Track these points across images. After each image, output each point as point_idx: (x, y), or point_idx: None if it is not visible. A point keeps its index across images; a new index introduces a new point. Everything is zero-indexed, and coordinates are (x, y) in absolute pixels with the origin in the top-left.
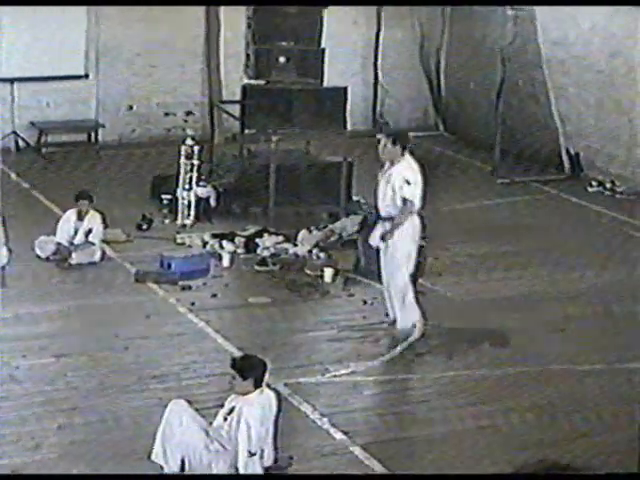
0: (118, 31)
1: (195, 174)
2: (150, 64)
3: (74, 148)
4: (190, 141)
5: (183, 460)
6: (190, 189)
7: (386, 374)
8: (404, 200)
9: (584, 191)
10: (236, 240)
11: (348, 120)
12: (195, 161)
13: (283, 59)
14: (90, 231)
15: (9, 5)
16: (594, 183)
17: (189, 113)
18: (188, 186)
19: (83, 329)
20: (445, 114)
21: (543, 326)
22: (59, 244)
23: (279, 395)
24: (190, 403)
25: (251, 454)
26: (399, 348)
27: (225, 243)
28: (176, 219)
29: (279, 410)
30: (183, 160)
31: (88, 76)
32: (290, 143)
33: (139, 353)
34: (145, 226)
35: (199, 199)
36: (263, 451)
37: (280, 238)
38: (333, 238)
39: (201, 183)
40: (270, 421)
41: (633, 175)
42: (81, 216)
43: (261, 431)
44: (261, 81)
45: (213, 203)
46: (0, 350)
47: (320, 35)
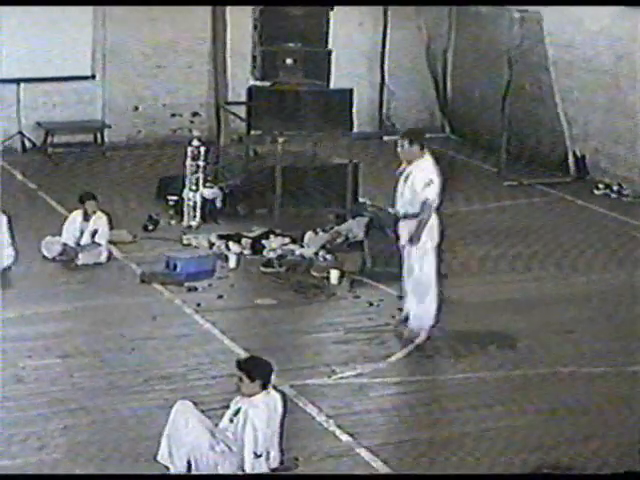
0: (125, 32)
1: (201, 175)
2: (157, 65)
3: (80, 149)
4: (196, 142)
5: (189, 461)
6: (196, 190)
7: (392, 376)
8: (424, 201)
9: (590, 194)
10: (242, 241)
11: (354, 122)
12: (201, 162)
13: (290, 61)
14: (96, 232)
15: (14, 5)
16: (600, 186)
17: (195, 114)
18: (194, 187)
19: (89, 330)
20: (451, 116)
21: (549, 328)
22: (65, 245)
23: (285, 397)
24: (196, 404)
25: (257, 455)
26: (405, 350)
27: (231, 244)
28: (182, 220)
29: (285, 411)
30: (189, 161)
31: (94, 77)
32: (296, 145)
33: (145, 354)
34: (151, 227)
35: (205, 200)
36: (269, 453)
37: (286, 240)
38: (339, 240)
39: (207, 184)
40: (276, 423)
41: None
42: (87, 217)
43: (267, 433)
44: (267, 82)
45: (219, 204)
46: (6, 350)
47: (327, 37)
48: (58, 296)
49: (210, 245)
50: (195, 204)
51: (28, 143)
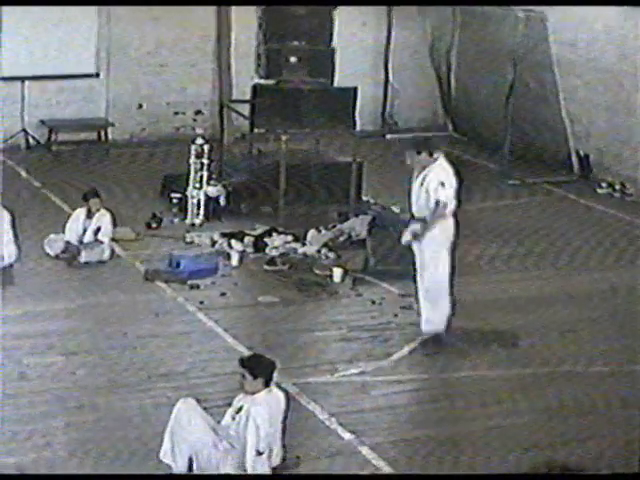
0: (129, 30)
1: (205, 173)
2: (160, 63)
3: (84, 147)
4: (200, 140)
5: (190, 458)
6: (200, 188)
7: (395, 374)
8: (437, 202)
9: (594, 193)
10: (245, 239)
11: (357, 120)
12: (205, 160)
13: (294, 59)
14: (99, 229)
15: (16, 5)
16: (604, 185)
17: (199, 112)
18: (198, 185)
19: (92, 327)
20: (455, 115)
21: (552, 327)
22: (68, 242)
23: (288, 394)
24: (199, 402)
25: (259, 453)
26: (407, 348)
27: (234, 242)
28: (186, 218)
29: (287, 409)
30: (193, 159)
31: (99, 75)
32: (300, 143)
33: (148, 352)
34: (155, 225)
35: (209, 198)
36: (271, 450)
37: (289, 238)
38: (342, 238)
39: (211, 182)
40: (278, 420)
41: None
42: (90, 214)
43: (269, 430)
44: (271, 81)
45: (223, 202)
46: (8, 348)
47: (331, 35)
48: (61, 294)
49: (213, 243)
50: (199, 202)
51: (32, 141)
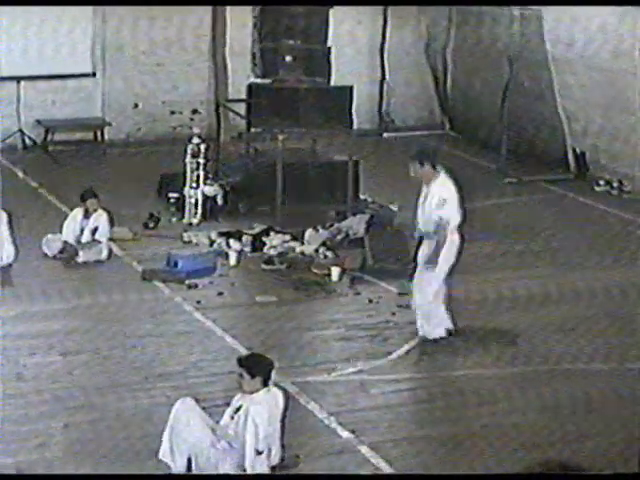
0: (124, 29)
1: (202, 173)
2: (156, 62)
3: (80, 146)
4: (196, 139)
5: (189, 458)
6: (197, 188)
7: (393, 373)
8: (440, 219)
9: (591, 191)
10: (243, 239)
11: (354, 119)
12: (201, 160)
13: (289, 58)
14: (97, 229)
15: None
16: (601, 183)
17: (195, 111)
18: (195, 185)
19: (89, 327)
20: (451, 113)
21: (550, 326)
22: (65, 242)
23: (286, 393)
24: (197, 402)
25: (258, 453)
26: (406, 347)
27: (232, 242)
28: (183, 217)
29: (286, 408)
30: (189, 159)
31: (95, 74)
32: (296, 142)
33: (146, 351)
34: (152, 224)
35: (206, 198)
36: (270, 449)
37: (287, 237)
38: (340, 237)
39: (208, 182)
40: (277, 420)
41: None
42: (88, 214)
43: (268, 429)
44: (267, 80)
45: (220, 202)
46: (6, 348)
47: (326, 34)
48: (58, 294)
49: (210, 242)
50: (196, 201)
51: (28, 141)
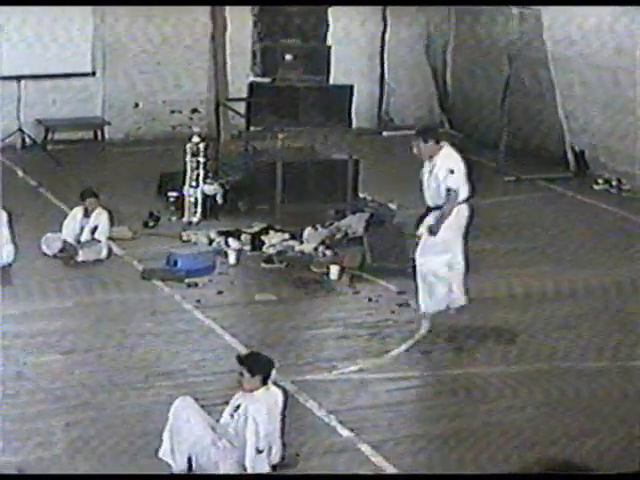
0: (124, 28)
1: (201, 171)
2: (156, 61)
3: (80, 146)
4: (196, 138)
5: (190, 457)
6: (197, 186)
7: (393, 371)
8: (448, 190)
9: (590, 189)
10: (242, 237)
11: (353, 118)
12: (201, 159)
13: (289, 56)
14: (96, 228)
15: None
16: (600, 181)
17: (195, 110)
18: (195, 183)
19: (89, 326)
20: (451, 112)
21: (549, 323)
22: (65, 241)
23: (285, 392)
24: (197, 400)
25: (259, 451)
26: (405, 345)
27: (231, 240)
28: (183, 216)
29: (285, 407)
30: (189, 157)
31: (94, 73)
32: (296, 141)
33: (146, 350)
34: (152, 223)
35: (206, 196)
36: (271, 448)
37: (286, 235)
38: (339, 235)
39: (207, 180)
40: (277, 418)
41: None
42: (87, 213)
43: (268, 428)
44: (267, 79)
45: (220, 200)
46: (7, 347)
47: (326, 32)
48: (58, 293)
49: (210, 241)
50: (196, 200)
51: (28, 140)
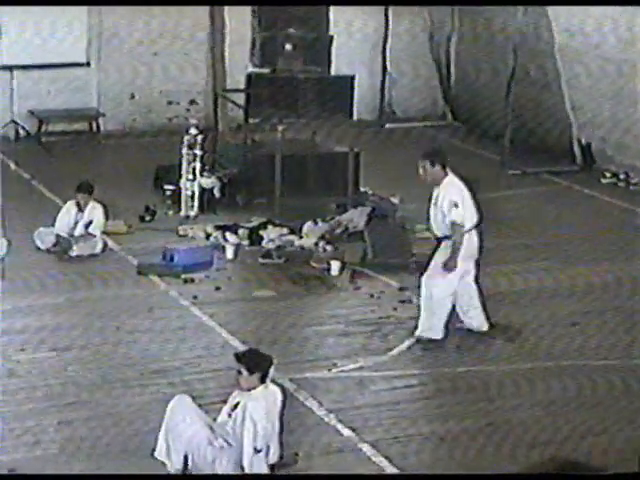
0: (120, 18)
1: (199, 164)
2: (152, 52)
3: (75, 137)
4: (193, 130)
5: (186, 456)
6: (194, 180)
7: (394, 369)
8: (453, 224)
9: (597, 183)
10: (240, 232)
11: (355, 109)
12: (198, 151)
13: (289, 46)
14: (91, 223)
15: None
16: (607, 174)
17: (192, 102)
18: (192, 176)
19: (84, 322)
20: (454, 103)
21: (554, 320)
22: (59, 236)
23: (284, 390)
24: (194, 398)
25: (257, 450)
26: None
27: (229, 235)
28: (180, 210)
29: (284, 406)
30: (186, 150)
31: (89, 64)
32: (296, 133)
33: (141, 347)
34: (148, 218)
35: (203, 190)
36: (269, 447)
37: (285, 230)
38: (339, 230)
39: (205, 174)
40: (275, 417)
41: None
42: (81, 207)
43: (267, 427)
44: (267, 69)
45: (217, 194)
46: None
47: (327, 22)
48: (52, 288)
49: (207, 236)
50: (193, 194)
51: (22, 132)
